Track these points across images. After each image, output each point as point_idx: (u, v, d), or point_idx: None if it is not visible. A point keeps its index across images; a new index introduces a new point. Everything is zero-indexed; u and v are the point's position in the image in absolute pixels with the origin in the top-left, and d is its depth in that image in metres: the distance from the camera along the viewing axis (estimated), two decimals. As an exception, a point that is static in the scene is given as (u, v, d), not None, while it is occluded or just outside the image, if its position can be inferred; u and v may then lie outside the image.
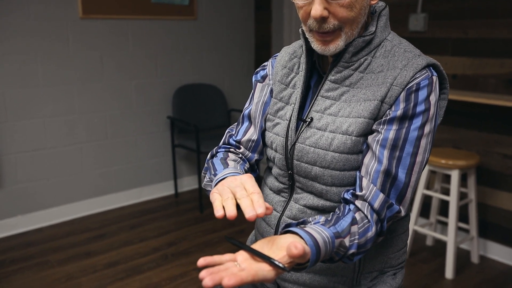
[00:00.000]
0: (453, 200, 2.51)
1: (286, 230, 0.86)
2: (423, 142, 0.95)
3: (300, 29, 1.06)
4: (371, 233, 0.92)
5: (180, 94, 3.63)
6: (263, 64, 1.21)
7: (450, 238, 2.52)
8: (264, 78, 1.18)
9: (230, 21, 3.91)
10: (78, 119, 3.23)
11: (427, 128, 0.96)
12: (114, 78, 3.35)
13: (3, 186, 2.99)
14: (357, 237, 0.91)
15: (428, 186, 2.97)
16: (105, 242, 2.93)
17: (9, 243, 2.92)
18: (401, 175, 0.95)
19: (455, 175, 2.49)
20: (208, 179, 1.04)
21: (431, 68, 0.99)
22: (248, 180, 0.86)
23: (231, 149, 1.16)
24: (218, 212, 0.79)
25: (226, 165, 1.06)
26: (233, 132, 1.19)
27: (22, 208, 3.09)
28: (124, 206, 3.53)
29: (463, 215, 2.86)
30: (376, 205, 0.94)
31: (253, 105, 1.17)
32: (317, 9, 0.93)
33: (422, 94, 0.95)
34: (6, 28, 2.85)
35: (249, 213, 0.77)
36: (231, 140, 1.18)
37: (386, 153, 0.95)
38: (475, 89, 2.73)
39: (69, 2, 3.04)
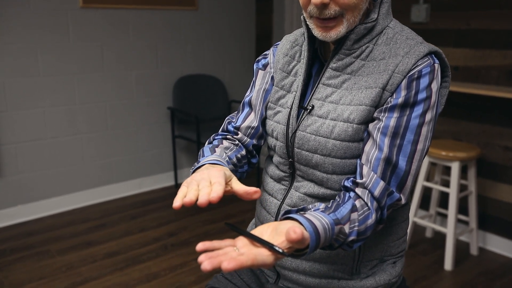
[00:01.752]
0: (453, 192, 2.51)
1: (286, 216, 0.86)
2: (424, 130, 0.95)
3: (301, 16, 1.06)
4: (371, 220, 0.92)
5: (181, 85, 3.62)
6: (265, 52, 1.21)
7: (449, 230, 2.52)
8: (265, 66, 1.17)
9: (231, 11, 3.89)
10: (79, 109, 3.22)
11: (428, 116, 0.95)
12: (115, 69, 3.33)
13: (3, 176, 3.00)
14: (356, 224, 0.91)
15: (428, 178, 2.97)
16: (105, 232, 2.94)
17: (10, 233, 2.92)
18: (402, 163, 0.94)
19: (455, 167, 2.49)
20: (192, 166, 1.04)
21: (433, 55, 0.98)
22: (216, 173, 0.87)
23: (228, 136, 1.16)
24: (176, 203, 0.81)
25: (213, 152, 1.06)
26: (233, 120, 1.19)
27: (22, 198, 3.09)
28: (124, 196, 3.53)
29: (462, 207, 2.86)
30: (377, 192, 0.93)
31: (254, 92, 1.17)
32: None
33: (424, 81, 0.95)
34: (6, 18, 2.83)
35: (201, 199, 0.79)
36: (229, 127, 1.18)
37: (387, 140, 0.94)
38: (477, 81, 2.72)
39: (69, -9, 3.03)
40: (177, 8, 3.54)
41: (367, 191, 0.94)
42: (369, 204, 0.93)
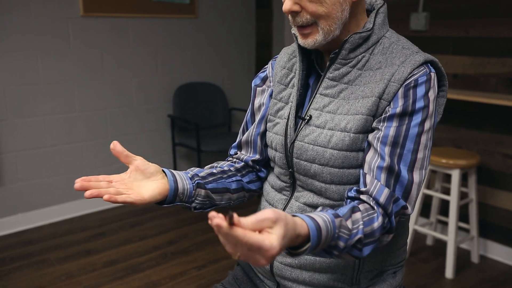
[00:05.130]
0: (453, 199, 2.51)
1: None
2: (423, 138, 0.95)
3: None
4: (377, 223, 0.91)
5: (181, 92, 3.63)
6: (264, 67, 1.22)
7: (450, 238, 2.52)
8: (264, 80, 1.19)
9: (231, 19, 3.91)
10: (78, 117, 3.23)
11: (427, 125, 0.96)
12: (115, 76, 3.34)
13: (3, 184, 2.99)
14: (361, 223, 0.89)
15: (429, 186, 2.96)
16: (104, 241, 2.93)
17: (9, 241, 2.92)
18: (404, 171, 0.94)
19: (455, 175, 2.49)
20: None
21: (429, 64, 0.99)
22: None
23: (228, 159, 1.21)
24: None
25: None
26: (235, 144, 1.22)
27: (22, 206, 3.09)
28: (123, 205, 3.52)
29: (463, 215, 2.85)
30: (382, 199, 0.93)
31: (254, 108, 1.19)
32: (287, 4, 0.96)
33: (421, 90, 0.95)
34: (7, 26, 2.85)
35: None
36: (231, 151, 1.23)
37: (387, 149, 0.95)
38: (476, 89, 2.73)
39: (70, 0, 3.04)
40: (177, 16, 3.55)
41: (372, 198, 0.94)
42: (375, 208, 0.93)
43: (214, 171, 1.11)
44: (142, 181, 0.95)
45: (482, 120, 2.72)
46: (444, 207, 2.93)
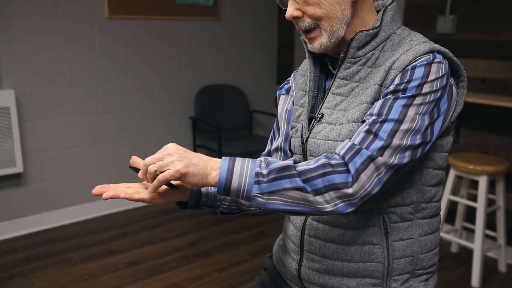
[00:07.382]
0: (480, 206, 2.45)
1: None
2: (411, 111, 0.91)
3: None
4: (319, 162, 0.89)
5: (203, 94, 3.64)
6: (287, 79, 1.25)
7: (477, 246, 2.46)
8: (288, 90, 1.21)
9: (254, 22, 3.91)
10: (102, 118, 3.26)
11: (418, 100, 0.92)
12: (138, 78, 3.37)
13: (28, 183, 3.04)
14: (293, 166, 0.91)
15: (454, 192, 2.90)
16: (126, 241, 2.95)
17: (34, 240, 2.96)
18: (383, 134, 0.90)
19: (483, 181, 2.43)
20: None
21: (435, 53, 0.96)
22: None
23: None
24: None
25: None
26: (264, 152, 1.23)
27: (46, 205, 3.13)
28: (145, 205, 3.55)
29: (490, 222, 2.78)
30: (342, 151, 0.90)
31: (278, 115, 1.21)
32: (288, 11, 0.99)
33: (419, 71, 0.93)
34: (35, 28, 2.90)
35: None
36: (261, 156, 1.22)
37: (371, 119, 0.93)
38: (505, 93, 2.66)
39: (95, 3, 3.08)
40: (201, 18, 3.57)
41: (335, 154, 0.93)
42: (329, 157, 0.91)
43: None
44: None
45: (511, 125, 2.65)
46: (469, 214, 2.87)
